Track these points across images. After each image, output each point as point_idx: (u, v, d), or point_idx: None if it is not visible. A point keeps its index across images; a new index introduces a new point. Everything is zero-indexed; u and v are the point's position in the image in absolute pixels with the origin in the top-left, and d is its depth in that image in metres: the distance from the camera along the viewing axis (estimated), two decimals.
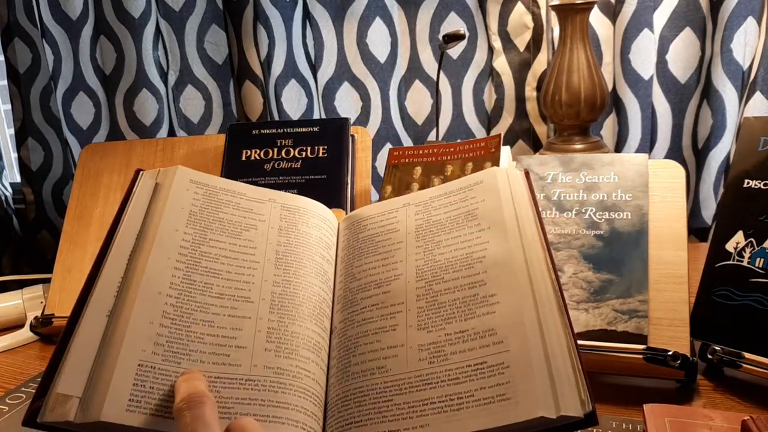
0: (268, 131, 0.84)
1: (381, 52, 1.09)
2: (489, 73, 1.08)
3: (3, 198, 1.19)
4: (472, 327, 0.47)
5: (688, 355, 0.58)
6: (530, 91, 1.07)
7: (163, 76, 1.14)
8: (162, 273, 0.49)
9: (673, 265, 0.62)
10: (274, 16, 1.05)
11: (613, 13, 0.99)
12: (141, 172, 0.56)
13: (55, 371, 0.43)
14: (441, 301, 0.50)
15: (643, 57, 0.97)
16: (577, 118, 0.91)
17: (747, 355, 0.58)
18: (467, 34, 1.07)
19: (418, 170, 0.76)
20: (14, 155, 1.27)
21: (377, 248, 0.57)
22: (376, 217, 0.60)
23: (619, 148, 1.01)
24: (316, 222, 0.59)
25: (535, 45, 1.05)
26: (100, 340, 0.45)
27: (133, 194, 0.54)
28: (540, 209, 0.53)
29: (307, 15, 1.09)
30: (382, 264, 0.55)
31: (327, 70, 1.11)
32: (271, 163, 0.82)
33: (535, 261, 0.49)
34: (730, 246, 0.62)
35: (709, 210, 1.00)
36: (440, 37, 1.00)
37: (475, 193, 0.56)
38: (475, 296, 0.49)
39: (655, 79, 0.98)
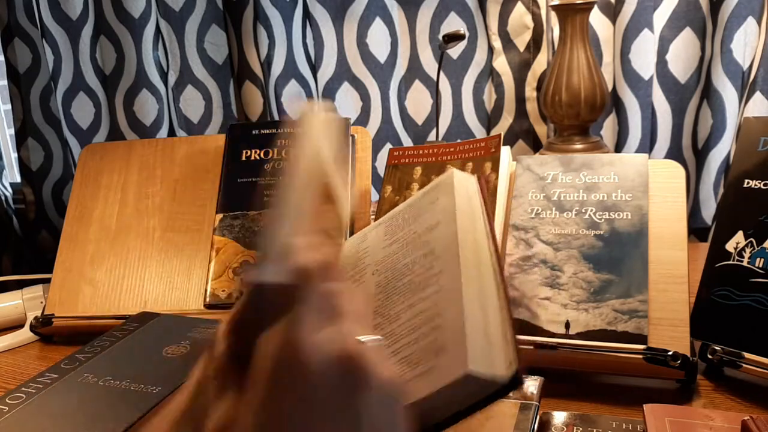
0: (268, 131, 0.84)
1: (381, 52, 1.09)
2: (489, 73, 1.08)
3: (3, 198, 1.19)
4: (419, 306, 0.47)
5: (688, 355, 0.58)
6: (530, 91, 1.07)
7: (163, 76, 1.14)
8: None
9: (673, 265, 0.62)
10: (274, 16, 1.05)
11: (613, 13, 0.99)
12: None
13: None
14: (396, 289, 0.50)
15: (643, 57, 0.97)
16: (577, 118, 0.91)
17: (747, 355, 0.58)
18: (467, 34, 1.07)
19: (418, 170, 0.76)
20: (14, 155, 1.27)
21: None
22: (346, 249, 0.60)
23: (619, 148, 1.01)
24: None
25: (535, 45, 1.05)
26: None
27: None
28: (488, 205, 0.53)
29: (307, 15, 1.09)
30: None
31: (327, 70, 1.11)
32: (271, 163, 0.82)
33: (479, 242, 0.49)
34: (730, 246, 0.62)
35: (709, 210, 1.00)
36: (440, 37, 0.99)
37: (435, 193, 0.56)
38: (426, 275, 0.49)
39: (655, 79, 0.98)
